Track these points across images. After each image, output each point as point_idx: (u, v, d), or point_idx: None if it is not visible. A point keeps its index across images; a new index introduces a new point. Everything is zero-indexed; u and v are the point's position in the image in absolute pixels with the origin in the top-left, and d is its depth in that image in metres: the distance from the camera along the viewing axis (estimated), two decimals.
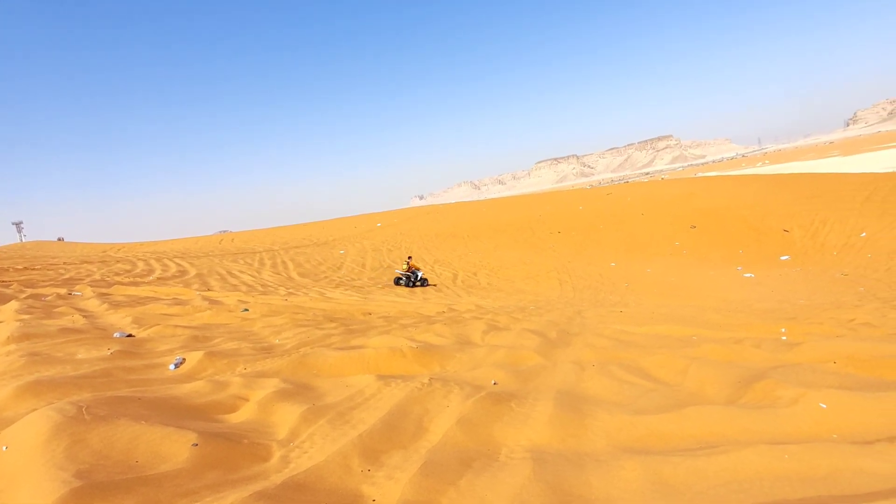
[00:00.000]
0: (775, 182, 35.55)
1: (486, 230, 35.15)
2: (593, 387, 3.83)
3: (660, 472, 2.29)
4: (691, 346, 5.39)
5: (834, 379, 3.64)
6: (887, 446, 2.44)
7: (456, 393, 3.44)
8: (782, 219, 26.97)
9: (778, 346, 5.17)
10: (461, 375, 4.13)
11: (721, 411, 3.02)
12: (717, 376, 3.85)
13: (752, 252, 24.59)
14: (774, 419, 2.91)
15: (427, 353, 4.74)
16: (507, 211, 42.55)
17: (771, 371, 3.85)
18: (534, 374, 4.28)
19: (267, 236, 40.00)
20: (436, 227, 38.16)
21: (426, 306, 11.06)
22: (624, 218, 32.70)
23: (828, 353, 4.63)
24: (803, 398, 3.08)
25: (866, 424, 2.79)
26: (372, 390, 3.56)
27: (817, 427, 2.84)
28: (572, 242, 29.98)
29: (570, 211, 37.38)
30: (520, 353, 4.99)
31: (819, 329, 6.89)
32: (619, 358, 4.81)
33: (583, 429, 2.95)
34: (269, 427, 3.00)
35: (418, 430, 2.94)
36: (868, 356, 4.31)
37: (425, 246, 30.74)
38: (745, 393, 3.45)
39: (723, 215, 29.36)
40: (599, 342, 5.78)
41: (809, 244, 23.76)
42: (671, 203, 33.85)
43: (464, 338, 6.08)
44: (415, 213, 50.02)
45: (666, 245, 27.51)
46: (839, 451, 2.38)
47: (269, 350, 5.16)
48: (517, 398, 3.42)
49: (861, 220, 24.05)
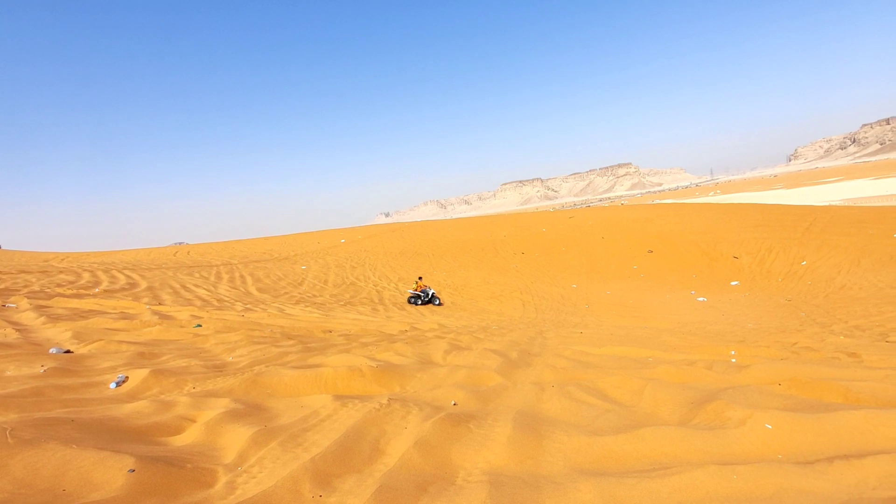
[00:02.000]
0: (726, 211, 37.49)
1: (450, 249, 35.28)
2: (552, 407, 3.84)
3: (615, 494, 2.30)
4: (647, 367, 5.52)
5: (779, 401, 3.79)
6: (827, 466, 2.54)
7: (415, 414, 3.37)
8: (732, 246, 28.38)
9: (728, 368, 5.36)
10: (421, 396, 4.06)
11: (674, 432, 3.08)
12: (672, 397, 3.95)
13: (704, 277, 25.67)
14: (724, 440, 3.00)
15: (387, 373, 4.65)
16: (472, 231, 42.92)
17: (721, 392, 3.97)
18: (494, 394, 4.25)
19: (225, 249, 38.71)
20: (401, 245, 38.00)
21: (388, 325, 10.91)
22: (585, 241, 33.57)
23: (773, 375, 4.84)
24: (751, 419, 3.19)
25: (808, 445, 2.91)
26: (328, 411, 3.44)
27: (764, 447, 2.94)
28: (535, 263, 30.46)
29: (533, 232, 38.08)
30: (481, 373, 4.97)
31: (766, 352, 7.20)
32: (578, 378, 4.86)
33: (541, 450, 2.94)
34: (217, 450, 2.84)
35: (374, 452, 2.85)
36: (808, 378, 4.53)
37: (389, 264, 30.50)
38: (697, 414, 3.54)
39: (678, 241, 30.62)
40: (559, 363, 5.84)
41: (757, 270, 25.04)
42: (630, 228, 35.06)
43: (425, 357, 6.01)
44: (380, 230, 49.72)
45: (625, 268, 28.36)
46: (783, 472, 2.47)
47: (222, 368, 4.93)
48: (476, 419, 3.38)
49: (802, 249, 25.60)
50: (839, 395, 4.14)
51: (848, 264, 22.36)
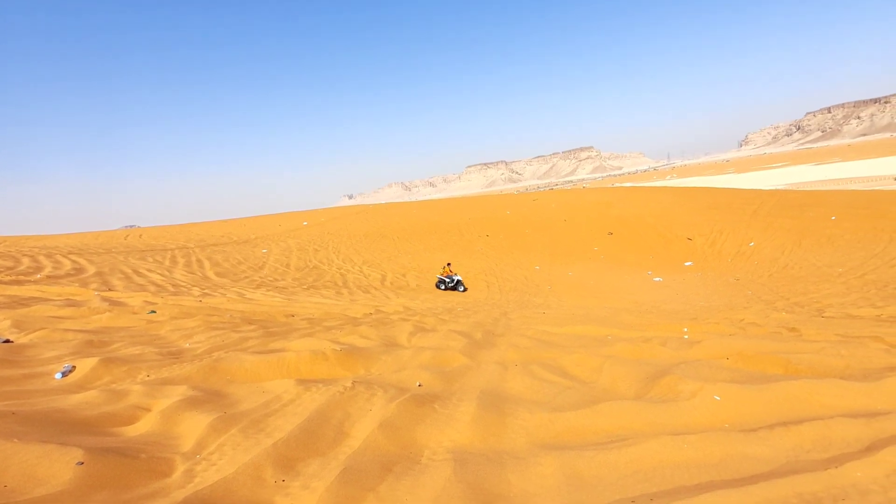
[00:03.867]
0: (681, 194, 38.92)
1: (415, 232, 35.15)
2: (515, 386, 3.92)
3: (574, 467, 2.39)
4: (606, 345, 5.71)
5: (727, 373, 4.01)
6: (768, 433, 2.71)
7: (379, 396, 3.37)
8: (687, 228, 29.56)
9: (681, 344, 5.62)
10: (386, 378, 4.06)
11: (631, 406, 3.21)
12: (628, 373, 4.10)
13: (661, 258, 26.68)
14: (676, 412, 3.15)
15: (351, 356, 4.62)
16: (437, 213, 42.83)
17: (674, 367, 4.17)
18: (459, 374, 4.30)
19: (181, 233, 37.15)
20: (365, 228, 37.54)
21: (353, 308, 10.81)
22: (548, 223, 34.15)
23: (722, 350, 5.11)
24: (701, 392, 3.36)
25: (752, 414, 3.10)
26: (290, 395, 3.39)
27: (712, 417, 3.11)
28: (500, 246, 30.80)
29: (498, 215, 38.39)
30: (446, 354, 5.01)
31: (715, 328, 7.59)
32: (541, 357, 4.98)
33: (504, 427, 3.00)
34: (173, 439, 2.75)
35: (339, 435, 2.84)
36: (754, 352, 4.81)
37: (354, 246, 30.13)
38: (652, 388, 3.70)
39: (636, 223, 31.61)
40: (523, 342, 5.96)
41: (709, 251, 26.23)
42: (591, 211, 35.90)
43: (390, 340, 6.00)
44: (343, 213, 48.89)
45: (586, 250, 29.09)
46: (729, 439, 2.62)
47: (178, 355, 4.76)
48: (441, 399, 3.42)
49: (750, 231, 26.96)
50: (780, 367, 4.42)
51: (791, 245, 23.74)
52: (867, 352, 5.04)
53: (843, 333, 6.92)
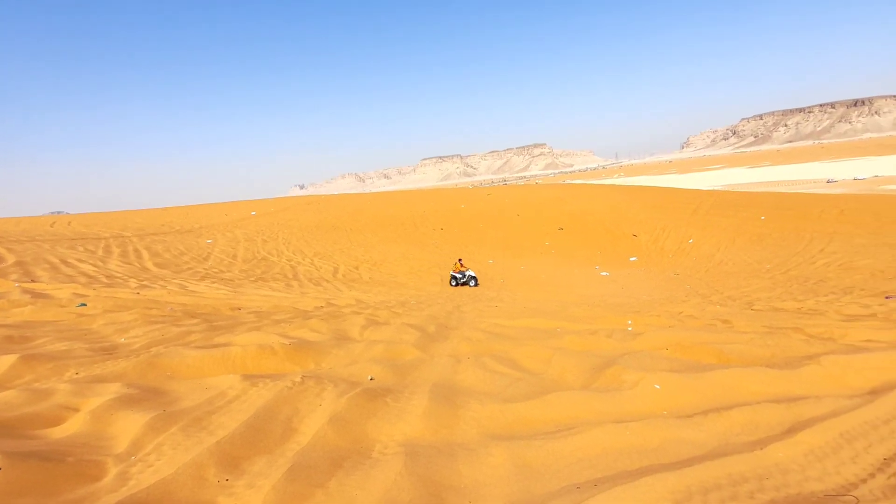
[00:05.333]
0: (628, 193, 40.57)
1: (369, 224, 34.71)
2: (468, 378, 3.96)
3: (523, 456, 2.44)
4: (556, 337, 5.88)
5: (666, 363, 4.23)
6: (702, 418, 2.89)
7: (330, 391, 3.30)
8: (632, 225, 30.88)
9: (625, 336, 5.87)
10: (337, 372, 3.99)
11: (578, 396, 3.32)
12: (576, 364, 4.24)
13: (608, 253, 27.75)
14: (620, 400, 3.29)
15: (301, 350, 4.50)
16: (391, 205, 42.46)
17: (619, 358, 4.35)
18: (411, 368, 4.30)
19: (116, 220, 34.82)
20: (317, 219, 36.67)
21: (303, 301, 10.55)
22: (502, 218, 34.68)
23: (662, 341, 5.38)
24: (642, 381, 3.52)
25: (688, 401, 3.29)
26: (236, 391, 3.26)
27: (653, 405, 3.27)
28: (454, 239, 30.97)
29: (452, 209, 38.56)
30: (398, 347, 4.99)
31: (657, 321, 7.98)
32: (493, 350, 5.05)
33: (456, 420, 3.03)
34: (106, 440, 2.58)
35: (287, 431, 2.76)
36: (690, 343, 5.10)
37: (304, 238, 29.36)
38: (597, 378, 3.85)
39: (586, 219, 32.68)
40: (475, 335, 6.02)
41: (652, 248, 27.54)
42: (543, 206, 36.76)
43: (342, 333, 5.91)
44: (294, 203, 47.50)
45: (538, 244, 29.79)
46: (667, 425, 2.77)
47: (112, 351, 4.47)
48: (393, 393, 3.40)
49: (690, 229, 28.53)
50: (714, 357, 4.71)
51: (726, 243, 25.32)
52: (789, 342, 5.46)
53: (769, 325, 7.46)
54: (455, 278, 19.16)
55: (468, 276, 19.15)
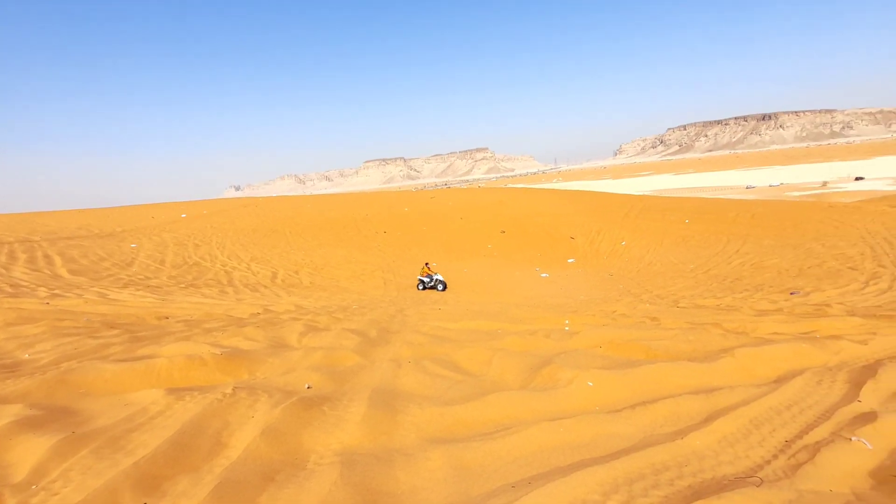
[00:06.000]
0: (566, 197, 42.21)
1: (310, 227, 33.76)
2: (408, 382, 3.94)
3: (461, 458, 2.46)
4: (496, 338, 5.99)
5: (599, 361, 4.43)
6: (630, 412, 3.05)
7: (263, 401, 3.17)
8: (570, 228, 32.13)
9: (562, 336, 6.09)
10: (272, 381, 3.83)
11: (516, 396, 3.40)
12: (515, 364, 4.34)
13: (547, 255, 28.68)
14: (556, 398, 3.40)
15: (233, 360, 4.29)
16: (333, 208, 41.56)
17: (556, 357, 4.50)
18: (351, 374, 4.21)
19: (22, 223, 31.57)
20: (254, 222, 35.16)
21: (239, 308, 10.07)
22: (445, 221, 34.92)
23: (596, 339, 5.63)
24: (577, 378, 3.67)
25: (618, 396, 3.46)
26: (160, 407, 3.05)
27: (586, 402, 3.41)
28: (398, 242, 30.80)
29: (396, 212, 38.36)
30: (338, 353, 4.87)
31: (592, 320, 8.34)
32: (434, 353, 5.07)
33: (395, 425, 3.00)
34: (2, 469, 2.32)
35: (215, 447, 2.61)
36: (622, 340, 5.38)
37: (241, 242, 28.07)
38: (535, 377, 3.96)
39: (526, 223, 33.61)
40: (417, 339, 6.01)
41: (588, 249, 28.78)
42: (486, 209, 37.41)
43: (279, 340, 5.69)
44: (230, 205, 45.30)
45: (480, 247, 30.26)
46: (599, 421, 2.89)
47: (14, 368, 4.04)
48: (331, 401, 3.31)
49: (622, 231, 30.10)
50: (643, 353, 4.99)
51: (654, 245, 26.95)
52: (709, 336, 5.90)
53: (691, 321, 8.02)
54: (423, 282, 19.14)
55: (436, 279, 19.18)
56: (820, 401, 3.32)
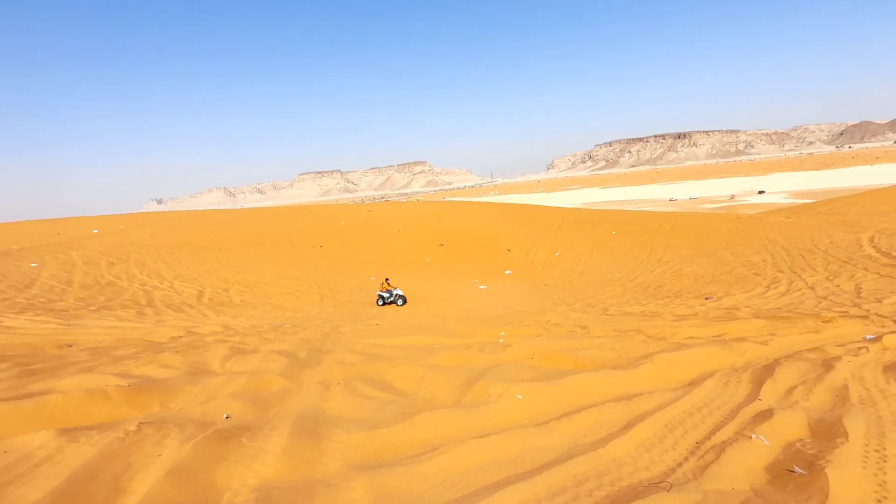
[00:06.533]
0: (502, 210, 43.32)
1: (241, 242, 32.19)
2: (336, 406, 3.80)
3: (386, 485, 2.38)
4: (432, 354, 5.94)
5: (530, 373, 4.51)
6: (556, 424, 3.11)
7: (174, 436, 2.91)
8: (507, 240, 32.93)
9: (496, 348, 6.16)
10: (187, 413, 3.55)
11: (446, 414, 3.37)
12: (447, 381, 4.32)
13: (485, 267, 29.16)
14: (486, 414, 3.41)
15: (143, 391, 3.93)
16: (266, 222, 39.98)
17: (488, 371, 4.53)
18: (276, 399, 4.00)
19: None
20: (178, 237, 32.99)
21: (158, 331, 9.33)
22: (384, 234, 34.64)
23: (528, 351, 5.75)
24: (507, 393, 3.70)
25: (546, 408, 3.53)
26: (48, 451, 2.72)
27: (515, 416, 3.45)
28: (334, 257, 30.09)
29: (333, 225, 37.55)
30: (264, 377, 4.62)
31: (527, 331, 8.53)
32: (366, 373, 4.94)
33: (319, 453, 2.86)
34: None
35: (113, 493, 2.36)
36: (552, 351, 5.52)
37: (164, 259, 26.20)
38: (467, 393, 3.96)
39: (465, 235, 34.07)
40: (350, 358, 5.85)
41: (524, 261, 29.60)
42: (424, 223, 37.55)
43: (199, 366, 5.31)
44: (150, 220, 42.29)
45: (420, 260, 30.24)
46: (526, 434, 2.93)
47: None
48: (251, 431, 3.11)
49: (555, 243, 31.29)
50: (571, 363, 5.15)
51: (585, 255, 28.21)
52: (632, 343, 6.20)
53: (617, 328, 8.42)
54: (382, 297, 18.74)
55: (396, 294, 18.84)
56: (727, 401, 3.57)
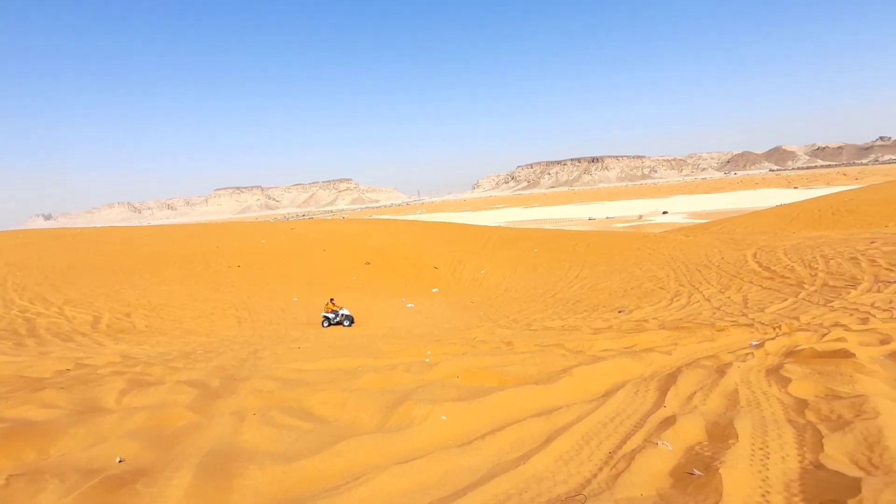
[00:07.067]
0: (429, 228, 43.67)
1: (148, 262, 29.56)
2: (251, 439, 3.54)
3: None
4: (356, 376, 5.76)
5: (455, 392, 4.51)
6: (480, 443, 3.12)
7: (51, 490, 2.54)
8: (434, 258, 33.17)
9: (422, 368, 6.10)
10: (71, 459, 3.13)
11: (368, 440, 3.26)
12: (371, 404, 4.20)
13: (412, 285, 29.09)
14: (410, 437, 3.34)
15: (15, 437, 3.41)
16: (177, 240, 37.12)
17: (413, 392, 4.47)
18: (182, 436, 3.65)
19: None
20: (71, 257, 29.63)
21: (39, 365, 8.21)
22: (308, 253, 33.47)
23: (454, 369, 5.76)
24: (431, 414, 3.66)
25: (470, 427, 3.53)
26: None
27: (439, 437, 3.42)
28: (254, 277, 28.52)
29: (252, 244, 35.70)
30: (168, 412, 4.21)
31: (453, 348, 8.56)
32: (285, 400, 4.67)
33: (229, 493, 2.64)
34: None
35: None
36: (477, 368, 5.58)
37: (51, 281, 23.33)
38: (391, 417, 3.86)
39: (391, 253, 33.85)
40: (268, 385, 5.51)
41: (451, 278, 29.93)
42: (350, 241, 36.84)
43: (89, 403, 4.73)
44: (35, 238, 37.63)
45: (345, 279, 29.51)
46: (449, 456, 2.90)
47: None
48: (149, 475, 2.80)
49: (481, 260, 32.02)
50: (496, 380, 5.23)
51: (509, 272, 29.11)
52: (553, 357, 6.44)
53: (540, 343, 8.71)
54: (328, 318, 17.73)
55: (342, 314, 17.92)
56: (637, 410, 3.80)
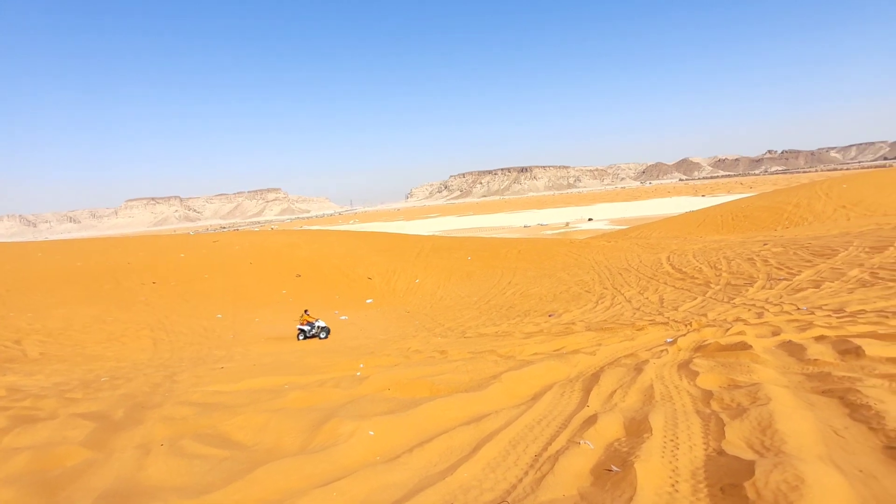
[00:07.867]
0: (362, 238, 42.97)
1: (43, 281, 26.52)
2: (156, 473, 3.21)
3: None
4: (280, 396, 5.46)
5: (384, 405, 4.39)
6: (408, 457, 3.04)
7: None
8: (367, 268, 32.62)
9: (352, 382, 5.91)
10: None
11: (290, 464, 3.07)
12: (295, 425, 3.98)
13: (346, 297, 28.39)
14: (335, 457, 3.19)
15: None
16: (82, 256, 33.68)
17: (341, 409, 4.29)
18: (73, 477, 3.24)
19: None
20: None
21: None
22: (232, 267, 31.67)
23: (385, 382, 5.62)
24: (358, 430, 3.53)
25: (398, 441, 3.44)
26: None
27: (367, 454, 3.29)
28: (172, 294, 26.47)
29: (169, 258, 33.18)
30: (57, 451, 3.72)
31: (386, 360, 8.39)
32: (199, 427, 4.31)
33: None
34: None
35: None
36: (408, 380, 5.49)
37: None
38: (315, 436, 3.67)
39: (323, 265, 32.88)
40: (181, 412, 5.07)
41: (386, 289, 29.56)
42: (279, 253, 35.35)
43: None
44: None
45: (274, 293, 28.21)
46: (375, 473, 2.79)
47: None
48: None
49: (415, 269, 31.96)
50: (427, 390, 5.16)
51: (444, 281, 29.28)
52: (485, 364, 6.49)
53: (473, 350, 8.77)
54: (303, 331, 16.54)
55: (318, 327, 16.80)
56: (562, 411, 3.90)
